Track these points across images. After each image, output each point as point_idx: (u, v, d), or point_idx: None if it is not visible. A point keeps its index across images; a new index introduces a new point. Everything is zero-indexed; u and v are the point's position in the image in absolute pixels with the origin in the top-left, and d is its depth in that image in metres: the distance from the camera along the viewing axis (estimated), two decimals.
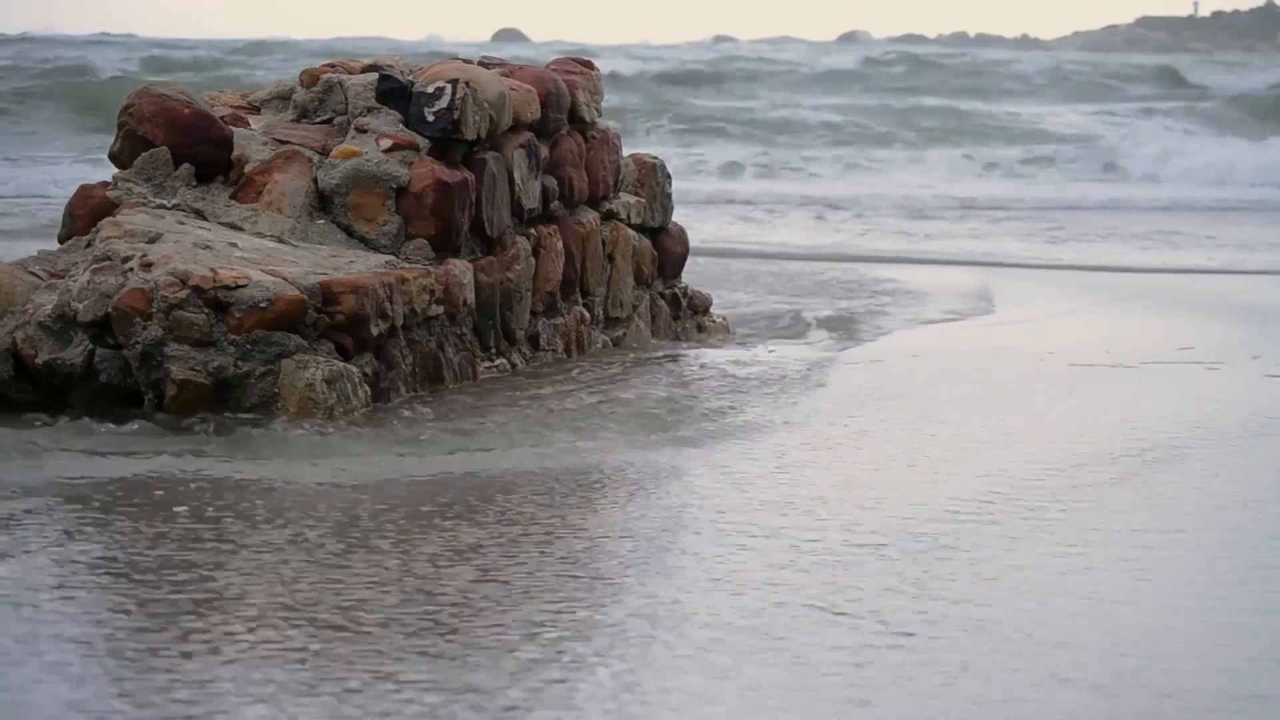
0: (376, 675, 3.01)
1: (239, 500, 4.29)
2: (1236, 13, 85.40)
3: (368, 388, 5.36)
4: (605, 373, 6.36)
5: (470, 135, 6.06)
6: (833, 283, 10.23)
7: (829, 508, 4.36)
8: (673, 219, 7.67)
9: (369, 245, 5.86)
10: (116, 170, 5.91)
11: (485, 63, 6.59)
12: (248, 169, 5.91)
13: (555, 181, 6.70)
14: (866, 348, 7.53)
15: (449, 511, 4.23)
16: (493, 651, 3.16)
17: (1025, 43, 79.95)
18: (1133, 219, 16.40)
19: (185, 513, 4.14)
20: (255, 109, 6.30)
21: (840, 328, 8.13)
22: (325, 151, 5.97)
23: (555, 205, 6.73)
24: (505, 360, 6.28)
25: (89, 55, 30.66)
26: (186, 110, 5.89)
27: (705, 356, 6.91)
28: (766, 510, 4.31)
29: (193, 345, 5.12)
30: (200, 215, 5.80)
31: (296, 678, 2.98)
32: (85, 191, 5.84)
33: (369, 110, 6.08)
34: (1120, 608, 3.55)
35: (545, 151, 6.62)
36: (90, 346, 5.17)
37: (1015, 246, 13.36)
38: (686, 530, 4.14)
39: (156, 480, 4.48)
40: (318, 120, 6.15)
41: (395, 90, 6.07)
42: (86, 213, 5.73)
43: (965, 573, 3.77)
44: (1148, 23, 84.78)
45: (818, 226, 15.13)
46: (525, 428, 5.25)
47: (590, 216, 6.99)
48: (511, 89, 6.35)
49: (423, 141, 6.00)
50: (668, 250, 7.56)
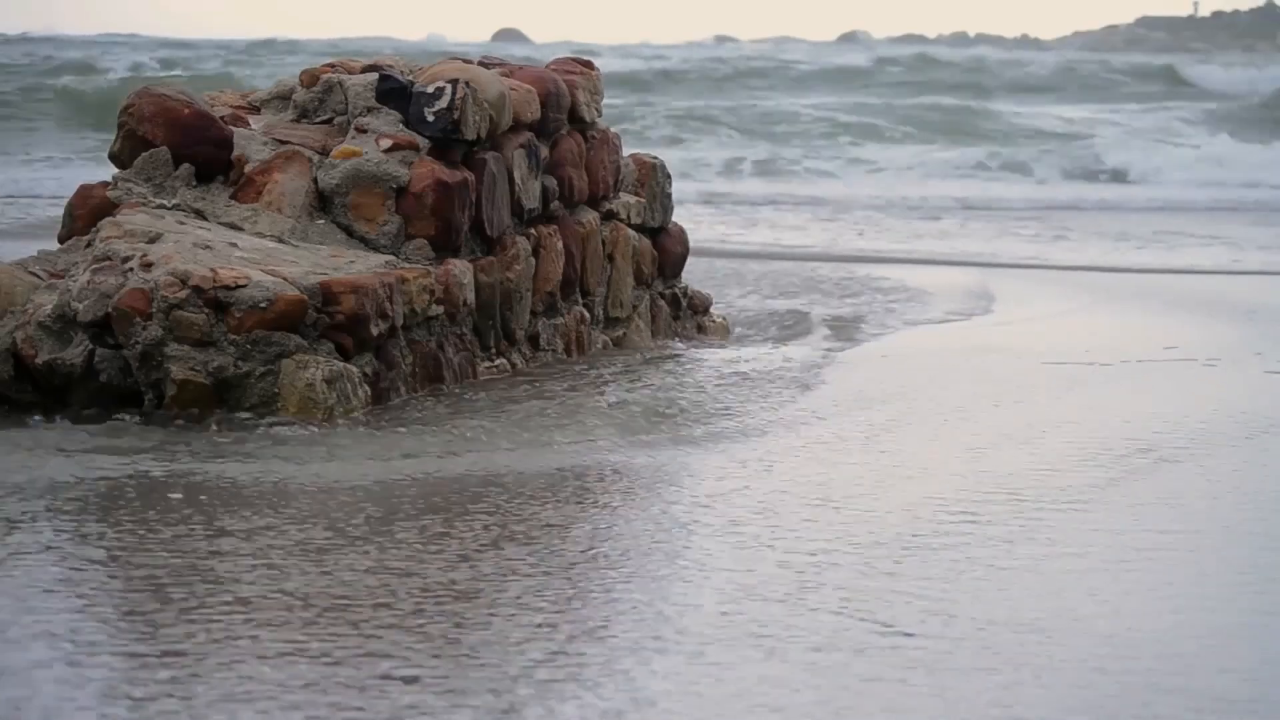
0: (376, 675, 3.01)
1: (239, 500, 4.29)
2: (1236, 13, 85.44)
3: (368, 388, 5.36)
4: (605, 373, 6.37)
5: (470, 135, 6.06)
6: (833, 283, 10.23)
7: (829, 508, 4.36)
8: (672, 219, 7.67)
9: (369, 245, 5.86)
10: (116, 170, 5.91)
11: (485, 63, 6.59)
12: (248, 169, 5.92)
13: (555, 181, 6.70)
14: (866, 348, 7.53)
15: (449, 511, 4.23)
16: (494, 652, 3.16)
17: (1025, 43, 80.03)
18: (1132, 219, 16.41)
19: (185, 513, 4.14)
20: (255, 109, 6.30)
21: (840, 328, 8.13)
22: (325, 151, 5.97)
23: (555, 205, 6.73)
24: (505, 360, 6.28)
25: (91, 55, 30.68)
26: (186, 110, 5.89)
27: (705, 357, 6.92)
28: (766, 510, 4.31)
29: (193, 345, 5.13)
30: (200, 215, 5.80)
31: (296, 677, 2.98)
32: (85, 191, 5.84)
33: (369, 110, 6.08)
34: (1120, 608, 3.55)
35: (545, 151, 6.62)
36: (90, 346, 5.17)
37: (1015, 246, 13.36)
38: (686, 530, 4.14)
39: (156, 480, 4.48)
40: (318, 120, 6.15)
41: (395, 90, 6.07)
42: (86, 213, 5.74)
43: (965, 573, 3.77)
44: (1148, 23, 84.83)
45: (818, 226, 15.13)
46: (525, 428, 5.25)
47: (590, 216, 6.99)
48: (511, 89, 6.35)
49: (423, 141, 6.00)
50: (668, 250, 7.56)
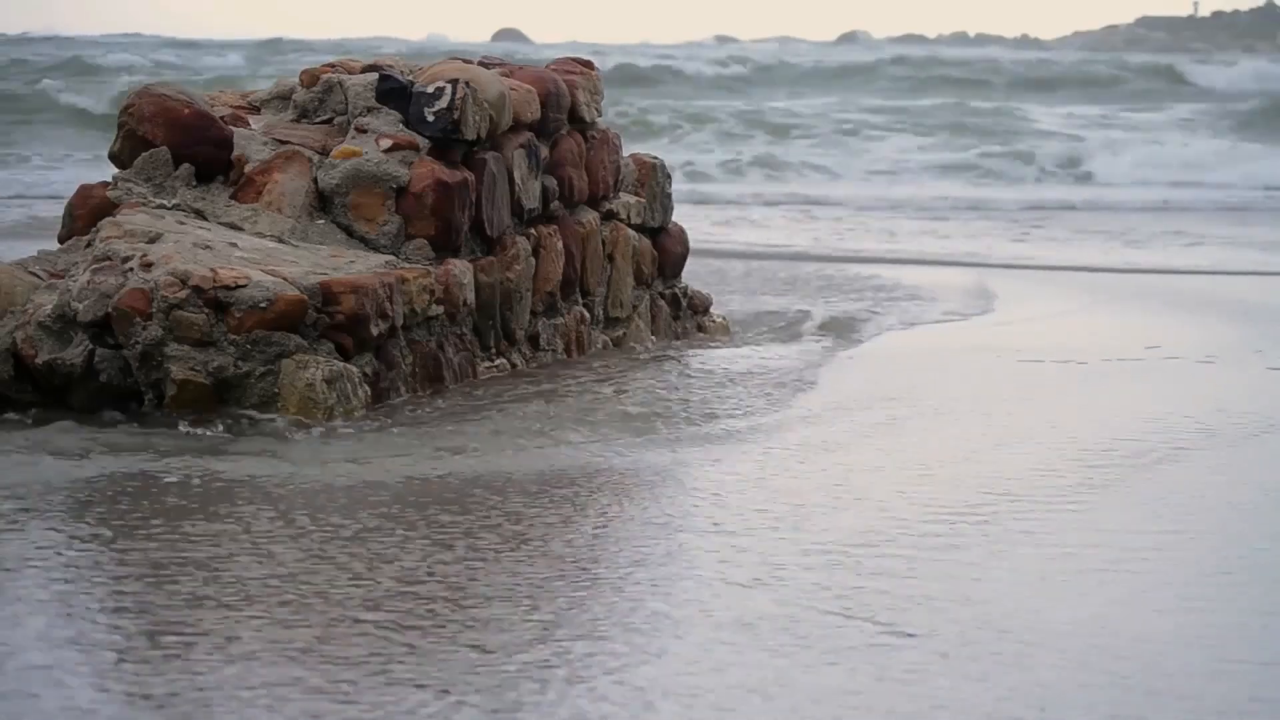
0: (377, 674, 3.01)
1: (239, 500, 4.29)
2: (1236, 13, 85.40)
3: (368, 388, 5.36)
4: (605, 373, 6.37)
5: (470, 135, 6.06)
6: (832, 282, 10.23)
7: (829, 508, 4.36)
8: (672, 219, 7.67)
9: (369, 245, 5.86)
10: (116, 170, 5.91)
11: (485, 63, 6.59)
12: (248, 169, 5.91)
13: (555, 181, 6.70)
14: (866, 347, 7.53)
15: (448, 511, 4.23)
16: (494, 652, 3.16)
17: (1025, 43, 79.98)
18: (1132, 218, 16.40)
19: (185, 513, 4.14)
20: (255, 109, 6.30)
21: (840, 328, 8.13)
22: (325, 151, 5.97)
23: (555, 205, 6.73)
24: (505, 360, 6.28)
25: (91, 55, 30.67)
26: (186, 110, 5.89)
27: (705, 357, 6.92)
28: (766, 510, 4.31)
29: (193, 345, 5.13)
30: (200, 215, 5.80)
31: (296, 676, 2.99)
32: (85, 191, 5.84)
33: (369, 110, 6.08)
34: (1120, 608, 3.55)
35: (545, 151, 6.62)
36: (90, 346, 5.17)
37: (1015, 246, 13.36)
38: (686, 530, 4.14)
39: (156, 481, 4.48)
40: (318, 120, 6.15)
41: (395, 90, 6.07)
42: (86, 213, 5.73)
43: (965, 573, 3.77)
44: (1148, 23, 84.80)
45: (818, 226, 15.12)
46: (525, 428, 5.25)
47: (590, 216, 6.99)
48: (511, 89, 6.35)
49: (423, 141, 6.00)
50: (668, 250, 7.56)
